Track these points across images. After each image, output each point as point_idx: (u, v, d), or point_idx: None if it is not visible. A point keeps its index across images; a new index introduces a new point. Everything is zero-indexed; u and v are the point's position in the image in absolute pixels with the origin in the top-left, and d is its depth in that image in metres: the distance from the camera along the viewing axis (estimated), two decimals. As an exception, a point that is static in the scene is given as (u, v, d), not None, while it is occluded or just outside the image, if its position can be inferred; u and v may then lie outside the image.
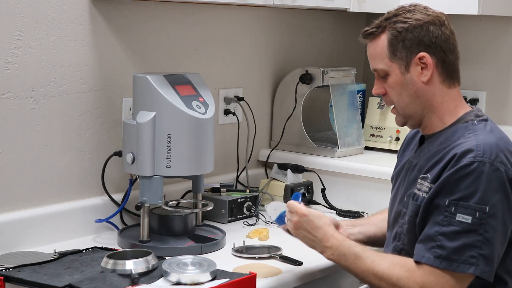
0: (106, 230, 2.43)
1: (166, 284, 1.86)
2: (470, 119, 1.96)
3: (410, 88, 1.96)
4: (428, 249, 1.85)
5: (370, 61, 2.01)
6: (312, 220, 2.03)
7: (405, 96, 1.97)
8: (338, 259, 1.98)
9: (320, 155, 2.99)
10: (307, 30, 3.26)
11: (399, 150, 2.23)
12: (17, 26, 2.18)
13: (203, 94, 2.31)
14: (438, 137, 1.97)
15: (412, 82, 1.95)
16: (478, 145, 1.85)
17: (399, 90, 1.97)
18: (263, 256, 2.20)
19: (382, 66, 1.97)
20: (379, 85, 2.01)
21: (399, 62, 1.95)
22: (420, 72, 1.94)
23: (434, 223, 1.86)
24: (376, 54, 1.98)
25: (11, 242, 2.18)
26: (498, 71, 3.21)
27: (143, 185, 2.24)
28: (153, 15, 2.56)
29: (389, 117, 3.13)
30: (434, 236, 1.85)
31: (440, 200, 1.85)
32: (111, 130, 2.47)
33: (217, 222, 2.58)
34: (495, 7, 2.98)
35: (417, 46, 1.94)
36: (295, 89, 3.03)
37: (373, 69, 2.01)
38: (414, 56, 1.94)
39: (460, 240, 1.81)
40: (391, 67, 1.96)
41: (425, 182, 1.92)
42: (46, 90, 2.27)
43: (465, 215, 1.81)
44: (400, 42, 1.94)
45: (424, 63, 1.94)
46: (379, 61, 1.98)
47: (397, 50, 1.94)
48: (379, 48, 1.97)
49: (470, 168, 1.82)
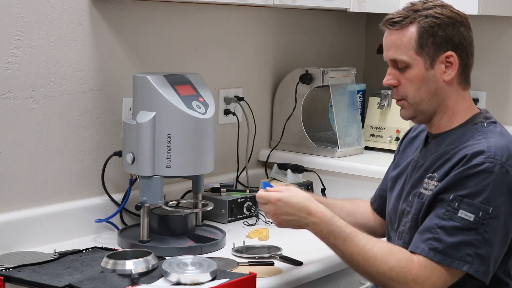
0: (106, 230, 2.43)
1: (166, 284, 1.86)
2: (480, 121, 1.95)
3: (430, 85, 1.93)
4: (424, 240, 1.84)
5: (389, 50, 1.95)
6: (288, 201, 1.94)
7: (424, 92, 1.93)
8: (327, 236, 1.91)
9: (320, 155, 2.99)
10: (307, 30, 3.26)
11: (398, 150, 2.21)
12: (17, 26, 2.18)
13: (203, 94, 2.31)
14: (445, 137, 1.96)
15: (434, 79, 1.92)
16: (489, 147, 1.84)
17: (419, 85, 1.93)
18: (263, 256, 2.20)
19: (406, 57, 1.92)
20: (393, 76, 1.96)
21: (425, 57, 1.91)
22: (443, 71, 1.92)
23: (435, 216, 1.85)
24: (401, 44, 1.92)
25: (11, 242, 2.18)
26: (498, 71, 3.21)
27: (143, 185, 2.24)
28: (153, 15, 2.56)
29: (389, 117, 3.13)
30: (433, 228, 1.83)
31: (445, 194, 1.84)
32: (111, 130, 2.47)
33: (217, 222, 2.58)
34: (495, 7, 2.98)
35: (446, 44, 1.91)
36: (295, 89, 3.03)
37: (392, 59, 1.94)
38: (442, 54, 1.91)
39: (459, 237, 1.80)
40: (415, 60, 1.91)
41: (431, 181, 1.92)
42: (46, 90, 2.27)
43: (468, 212, 1.80)
44: (430, 37, 1.90)
45: (450, 62, 1.91)
46: (402, 52, 1.92)
47: (426, 45, 1.90)
48: (406, 39, 1.91)
49: (480, 167, 1.81)
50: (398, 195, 2.08)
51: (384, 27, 1.96)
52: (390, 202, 2.13)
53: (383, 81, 1.98)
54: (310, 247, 2.33)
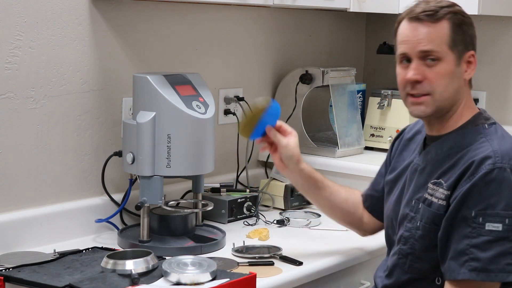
0: (106, 230, 2.43)
1: (166, 284, 1.86)
2: (481, 122, 1.94)
3: (456, 82, 1.91)
4: (461, 264, 1.81)
5: (420, 42, 1.89)
6: None
7: (451, 89, 1.91)
8: None
9: (320, 155, 2.99)
10: (307, 30, 3.26)
11: (391, 151, 2.19)
12: (17, 26, 2.18)
13: (203, 94, 2.31)
14: (445, 140, 1.95)
15: (459, 76, 1.92)
16: (495, 151, 1.83)
17: (448, 80, 1.90)
18: (263, 256, 2.20)
19: (440, 50, 1.88)
20: (419, 70, 1.89)
21: (455, 53, 1.90)
22: (465, 70, 1.92)
23: (463, 237, 1.82)
24: (435, 36, 1.88)
25: (11, 242, 2.18)
26: (498, 71, 3.21)
27: (143, 185, 2.24)
28: (153, 15, 2.56)
29: (389, 117, 3.13)
30: (466, 250, 1.80)
31: (465, 212, 1.81)
32: (111, 130, 2.47)
33: (217, 222, 2.58)
34: (495, 7, 2.98)
35: (471, 43, 1.92)
36: (295, 89, 3.03)
37: (424, 50, 1.88)
38: (467, 52, 1.91)
39: (494, 249, 1.78)
40: (448, 55, 1.89)
41: (438, 188, 1.89)
42: (46, 90, 2.27)
43: (494, 223, 1.78)
44: (462, 34, 1.90)
45: (470, 61, 1.92)
46: (437, 44, 1.88)
47: (458, 41, 1.89)
48: (441, 32, 1.88)
49: (491, 176, 1.80)
50: (397, 199, 2.06)
51: (414, 20, 1.90)
52: (388, 206, 2.10)
53: (410, 74, 1.90)
54: (310, 247, 2.33)
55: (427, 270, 1.93)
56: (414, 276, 1.96)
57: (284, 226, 2.58)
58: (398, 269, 1.99)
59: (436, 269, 1.90)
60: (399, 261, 1.98)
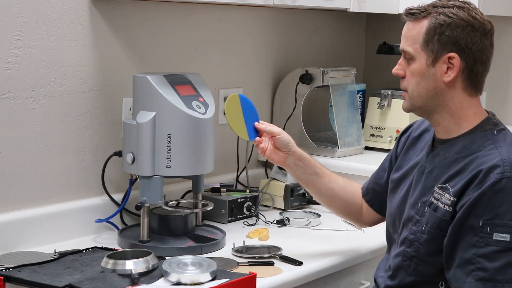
0: (106, 230, 2.43)
1: (166, 284, 1.86)
2: (489, 128, 1.92)
3: (429, 83, 1.91)
4: (468, 273, 1.80)
5: (402, 40, 1.96)
6: None
7: (422, 88, 1.92)
8: None
9: (320, 155, 2.99)
10: (307, 30, 3.26)
11: (397, 149, 2.18)
12: (17, 26, 2.18)
13: (203, 94, 2.31)
14: (454, 143, 1.93)
15: (433, 78, 1.91)
16: (504, 160, 1.82)
17: (418, 79, 1.92)
18: (263, 256, 2.20)
19: (411, 49, 1.92)
20: (401, 67, 1.96)
21: (428, 53, 1.90)
22: (444, 71, 1.90)
23: (470, 246, 1.81)
24: (410, 35, 1.93)
25: (11, 242, 2.18)
26: (498, 71, 3.21)
27: (143, 185, 2.24)
28: (153, 15, 2.56)
29: (389, 117, 3.13)
30: (473, 259, 1.80)
31: (473, 221, 1.80)
32: (111, 130, 2.47)
33: (217, 222, 2.58)
34: (495, 7, 2.98)
35: (452, 45, 1.89)
36: (295, 89, 3.03)
37: (401, 49, 1.96)
38: (445, 54, 1.89)
39: (502, 260, 1.77)
40: (419, 54, 1.91)
41: (445, 193, 1.88)
42: (46, 90, 2.27)
43: (502, 233, 1.77)
44: (437, 34, 1.89)
45: (452, 64, 1.90)
46: (410, 43, 1.92)
47: (431, 41, 1.89)
48: (416, 31, 1.91)
49: (500, 185, 1.79)
50: (402, 199, 2.04)
51: (402, 17, 1.97)
52: (392, 204, 2.09)
53: (393, 69, 1.99)
54: (310, 247, 2.33)
55: (431, 273, 1.93)
56: (418, 279, 1.95)
57: (284, 226, 2.58)
58: (402, 271, 1.98)
59: (441, 273, 1.90)
60: (404, 263, 1.97)
